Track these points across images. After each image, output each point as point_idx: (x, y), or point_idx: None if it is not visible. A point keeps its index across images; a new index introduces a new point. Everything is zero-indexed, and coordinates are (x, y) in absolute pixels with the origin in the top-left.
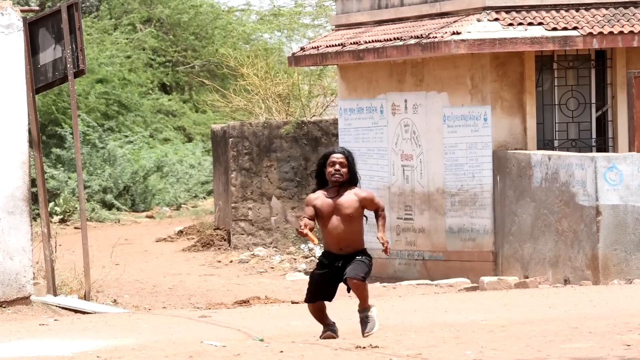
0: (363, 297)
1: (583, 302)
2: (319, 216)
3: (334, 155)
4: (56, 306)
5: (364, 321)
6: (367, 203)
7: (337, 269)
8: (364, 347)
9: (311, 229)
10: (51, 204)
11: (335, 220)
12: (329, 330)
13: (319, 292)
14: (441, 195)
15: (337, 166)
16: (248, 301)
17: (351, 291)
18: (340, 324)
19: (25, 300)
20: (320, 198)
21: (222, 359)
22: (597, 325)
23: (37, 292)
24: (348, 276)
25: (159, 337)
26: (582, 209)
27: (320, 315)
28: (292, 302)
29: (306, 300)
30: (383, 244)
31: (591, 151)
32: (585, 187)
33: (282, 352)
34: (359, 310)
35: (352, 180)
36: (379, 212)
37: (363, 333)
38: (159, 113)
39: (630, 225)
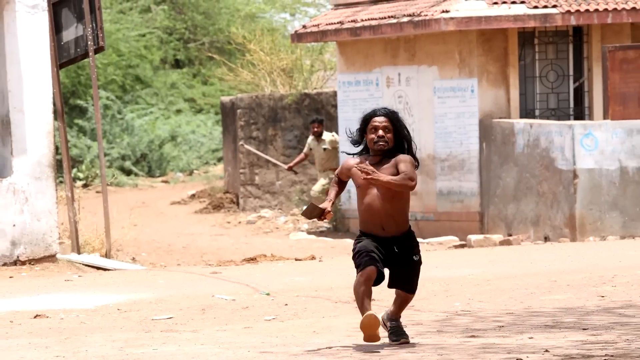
0: (404, 308)
1: (561, 257)
2: (357, 188)
3: (376, 118)
4: (80, 263)
5: (397, 332)
6: (399, 161)
7: (390, 253)
8: None
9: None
10: (74, 170)
11: (375, 193)
12: (372, 313)
13: (374, 257)
14: (432, 160)
15: (380, 131)
16: (255, 259)
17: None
18: (336, 278)
19: (51, 258)
20: (358, 165)
21: (231, 311)
22: (574, 278)
23: (62, 251)
24: (405, 290)
25: (173, 291)
26: (561, 172)
27: (367, 287)
28: (296, 259)
29: (359, 266)
30: (362, 169)
31: (569, 119)
32: (563, 153)
33: (286, 305)
34: (391, 319)
35: (399, 146)
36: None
37: (392, 340)
38: (172, 87)
39: (605, 187)
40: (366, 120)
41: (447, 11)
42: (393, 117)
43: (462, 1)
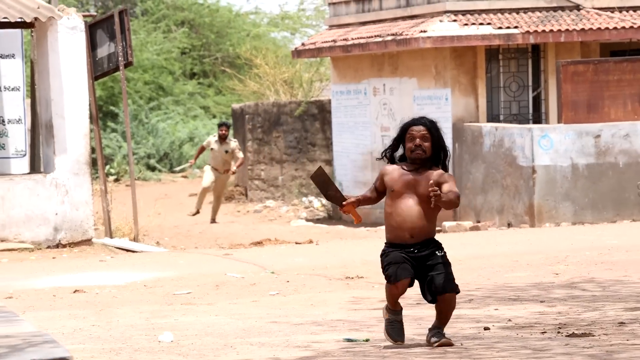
0: (449, 315)
1: (522, 241)
2: (390, 193)
3: (414, 127)
4: (112, 246)
5: (438, 334)
6: (444, 180)
7: (416, 259)
8: (352, 277)
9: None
10: (107, 167)
11: (410, 200)
12: (396, 320)
13: (403, 268)
14: None
15: (418, 140)
16: (261, 242)
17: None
18: (330, 259)
19: (88, 242)
20: (395, 172)
21: (241, 287)
22: (533, 258)
23: (97, 236)
24: (441, 290)
25: (192, 270)
26: (522, 168)
27: (395, 298)
28: (296, 243)
29: (390, 280)
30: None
31: (529, 123)
32: (524, 152)
33: (288, 281)
34: (435, 329)
35: (435, 156)
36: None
37: (432, 344)
38: (190, 96)
39: (559, 181)
40: (404, 128)
41: (424, 31)
42: (431, 127)
43: (437, 23)
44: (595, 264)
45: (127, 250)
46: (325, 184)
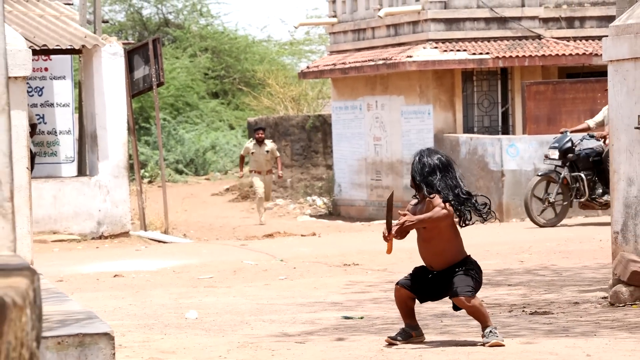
0: (477, 315)
1: (493, 233)
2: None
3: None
4: (146, 238)
5: (490, 334)
6: (430, 201)
7: (436, 278)
8: (349, 265)
9: (395, 237)
10: (142, 171)
11: (423, 233)
12: (403, 332)
13: (414, 281)
14: (400, 164)
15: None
16: (272, 235)
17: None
18: (330, 249)
19: (125, 234)
20: (409, 206)
21: (255, 273)
22: (501, 248)
23: (133, 229)
24: (452, 295)
25: (213, 258)
26: (492, 172)
27: (404, 308)
28: (301, 235)
29: (397, 283)
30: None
31: (498, 134)
32: (494, 158)
33: (294, 268)
34: (483, 331)
35: (424, 188)
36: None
37: (484, 344)
38: (212, 111)
39: (524, 183)
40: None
41: (410, 56)
42: (414, 159)
43: (421, 49)
44: (554, 253)
45: (159, 241)
46: (390, 208)
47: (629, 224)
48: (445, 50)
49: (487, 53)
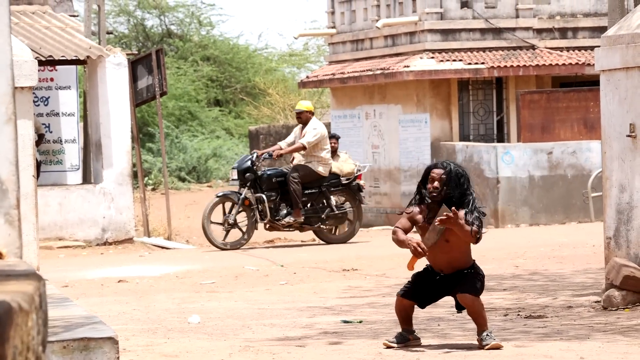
0: (477, 316)
1: (489, 239)
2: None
3: (435, 170)
4: (149, 244)
5: (486, 337)
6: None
7: (442, 280)
8: (348, 270)
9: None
10: (145, 179)
11: (439, 241)
12: (400, 335)
13: (416, 288)
14: (397, 171)
15: (436, 183)
16: (273, 241)
17: (463, 310)
18: (329, 254)
19: (129, 240)
20: (415, 213)
21: (256, 278)
22: (497, 253)
23: (137, 235)
24: (458, 292)
25: (215, 264)
26: (488, 179)
27: (403, 315)
28: (302, 242)
29: (398, 293)
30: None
31: (494, 142)
32: (489, 165)
33: (295, 273)
34: (478, 336)
35: (453, 199)
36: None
37: (483, 347)
38: (214, 119)
39: (518, 190)
40: (427, 171)
41: (407, 66)
42: (449, 172)
43: (418, 59)
44: (548, 258)
45: (162, 247)
46: (435, 227)
47: (621, 230)
48: (442, 60)
49: (483, 63)
